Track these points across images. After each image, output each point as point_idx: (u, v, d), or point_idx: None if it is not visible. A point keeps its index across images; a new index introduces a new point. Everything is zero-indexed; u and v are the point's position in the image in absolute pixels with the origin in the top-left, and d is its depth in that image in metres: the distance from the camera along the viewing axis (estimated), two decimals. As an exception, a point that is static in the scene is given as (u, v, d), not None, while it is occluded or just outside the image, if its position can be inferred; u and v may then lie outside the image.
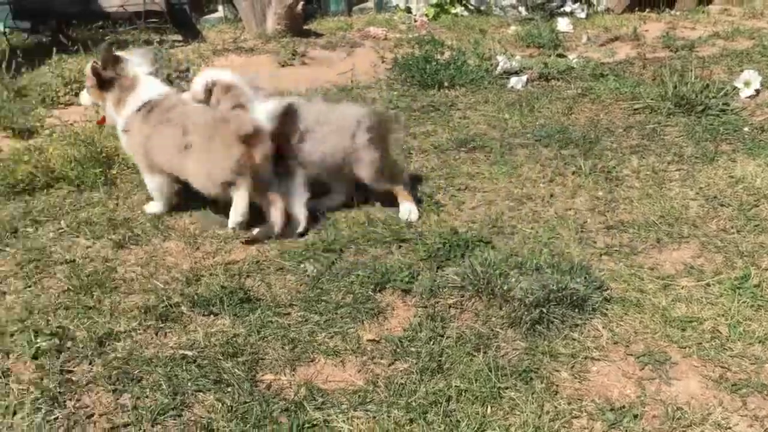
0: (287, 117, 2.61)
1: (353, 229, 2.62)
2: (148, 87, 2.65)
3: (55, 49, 4.74)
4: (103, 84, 2.63)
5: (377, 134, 2.68)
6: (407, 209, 2.71)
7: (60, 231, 2.62)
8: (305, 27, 5.63)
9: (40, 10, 5.01)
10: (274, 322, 2.10)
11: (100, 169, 3.03)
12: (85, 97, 2.74)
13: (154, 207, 2.75)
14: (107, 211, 2.75)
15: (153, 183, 2.69)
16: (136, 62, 2.68)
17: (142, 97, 2.62)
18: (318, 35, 5.57)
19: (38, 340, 2.00)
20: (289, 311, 2.16)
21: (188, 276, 2.34)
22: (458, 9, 6.13)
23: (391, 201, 2.75)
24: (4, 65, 4.03)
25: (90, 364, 1.94)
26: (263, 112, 2.60)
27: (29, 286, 2.30)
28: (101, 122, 2.91)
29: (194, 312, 2.16)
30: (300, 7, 5.43)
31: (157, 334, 2.06)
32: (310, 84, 4.37)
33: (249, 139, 2.50)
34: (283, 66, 4.85)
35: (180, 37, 5.36)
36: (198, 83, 2.66)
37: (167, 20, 5.21)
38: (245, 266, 2.40)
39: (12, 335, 2.04)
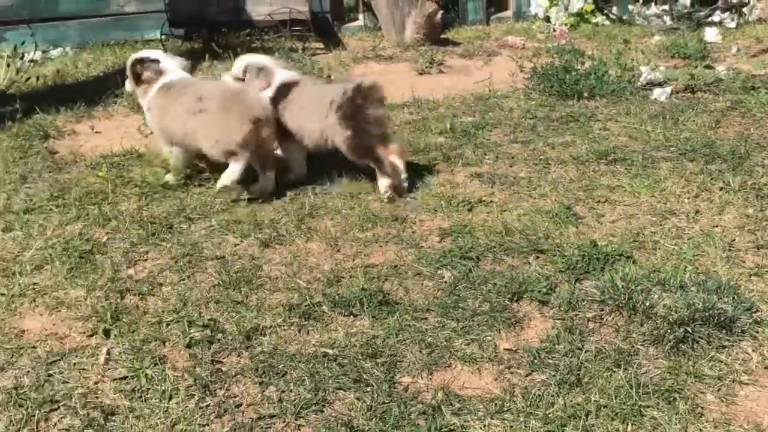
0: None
1: (490, 237, 2.63)
2: (170, 73, 3.12)
3: (207, 55, 5.00)
4: (138, 78, 3.13)
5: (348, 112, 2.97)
6: (384, 184, 2.96)
7: (211, 228, 2.77)
8: (443, 36, 5.67)
9: (193, 19, 5.30)
10: (412, 326, 2.14)
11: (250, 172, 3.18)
12: (129, 86, 3.27)
13: (169, 177, 3.14)
14: (253, 212, 2.88)
15: (175, 152, 3.10)
16: (167, 62, 3.16)
17: (163, 81, 3.09)
18: (455, 44, 5.61)
19: (191, 331, 2.13)
20: (426, 316, 2.20)
21: (329, 277, 2.42)
22: (599, 18, 6.01)
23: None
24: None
25: (238, 356, 2.04)
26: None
27: (183, 280, 2.44)
28: None
29: (335, 312, 2.23)
30: (439, 16, 5.48)
31: (300, 331, 2.15)
32: (446, 92, 4.40)
33: (257, 121, 2.91)
34: (420, 74, 4.91)
35: (322, 45, 5.52)
36: (237, 66, 3.19)
37: (310, 28, 5.38)
38: (384, 270, 2.45)
39: (168, 325, 2.17)
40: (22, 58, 4.99)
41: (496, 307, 2.21)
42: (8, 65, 4.52)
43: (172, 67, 3.14)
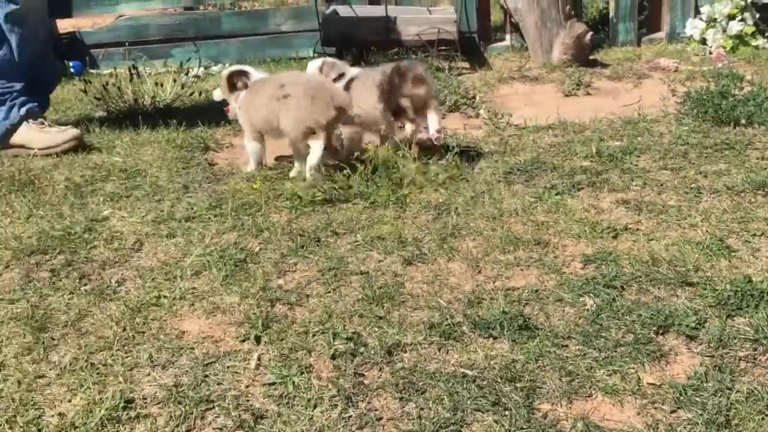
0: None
1: (636, 266, 2.58)
2: (255, 77, 3.64)
3: (356, 74, 5.16)
4: (233, 87, 3.66)
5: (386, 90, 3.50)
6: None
7: (356, 243, 2.86)
8: (591, 57, 5.58)
9: (344, 38, 5.48)
10: (552, 353, 2.13)
11: (392, 189, 3.26)
12: (217, 94, 3.81)
13: (249, 167, 3.67)
14: (397, 229, 2.95)
15: (252, 147, 3.65)
16: (254, 72, 3.69)
17: (250, 82, 3.61)
18: (604, 65, 5.51)
19: (336, 343, 2.21)
20: (567, 343, 2.18)
21: (470, 298, 2.45)
22: (760, 41, 5.73)
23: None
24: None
25: (380, 370, 2.10)
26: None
27: (329, 292, 2.53)
28: (227, 110, 3.86)
29: (475, 333, 2.25)
30: (588, 37, 5.40)
31: (439, 350, 2.19)
32: (593, 114, 4.34)
33: (340, 108, 3.38)
34: (566, 95, 4.86)
35: (468, 65, 5.57)
36: (312, 66, 3.82)
37: (457, 48, 5.43)
38: (525, 294, 2.46)
39: (314, 335, 2.27)
40: (186, 74, 5.33)
41: (641, 339, 2.17)
42: (174, 80, 4.83)
43: (257, 74, 3.69)
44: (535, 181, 3.37)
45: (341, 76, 3.72)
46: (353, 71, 3.77)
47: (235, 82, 3.66)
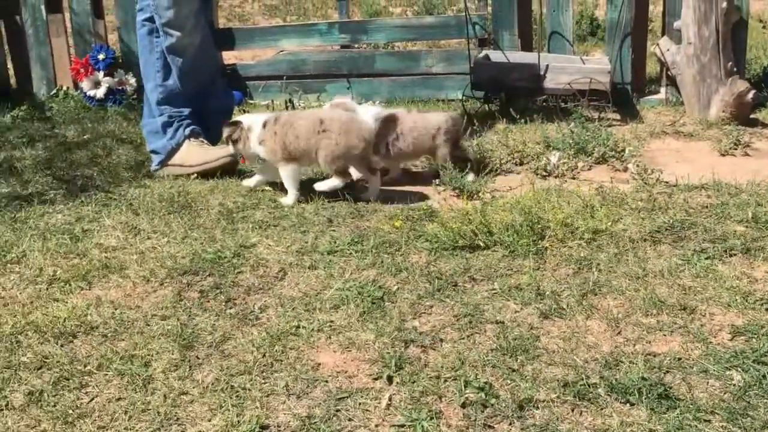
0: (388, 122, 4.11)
1: (790, 344, 2.43)
2: (256, 118, 3.98)
3: (504, 119, 5.17)
4: (235, 141, 3.97)
5: (452, 135, 4.13)
6: (470, 177, 4.02)
7: (493, 292, 2.85)
8: (752, 116, 5.33)
9: (494, 83, 5.50)
10: (693, 427, 2.04)
11: (533, 239, 3.23)
12: (233, 150, 4.05)
13: (289, 199, 3.86)
14: (535, 281, 2.91)
15: (287, 171, 3.85)
16: (246, 118, 4.04)
17: (259, 122, 3.92)
18: (765, 125, 5.25)
19: (467, 391, 2.21)
20: (710, 419, 2.08)
21: (608, 359, 2.38)
22: None
23: None
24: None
25: (510, 424, 2.08)
26: (370, 115, 4.09)
27: (463, 338, 2.54)
28: (243, 161, 4.21)
29: (611, 397, 2.19)
30: (751, 95, 5.16)
31: (573, 411, 2.14)
32: (751, 176, 4.13)
33: (369, 142, 3.81)
34: (722, 155, 4.66)
35: (618, 117, 5.46)
36: (327, 106, 4.36)
37: (609, 99, 5.34)
38: (666, 360, 2.36)
39: (446, 381, 2.27)
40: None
41: (792, 423, 2.04)
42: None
43: (252, 116, 4.04)
44: (684, 243, 3.25)
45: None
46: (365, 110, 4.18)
47: (234, 138, 3.97)
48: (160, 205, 3.81)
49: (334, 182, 3.83)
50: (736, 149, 4.70)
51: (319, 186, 3.85)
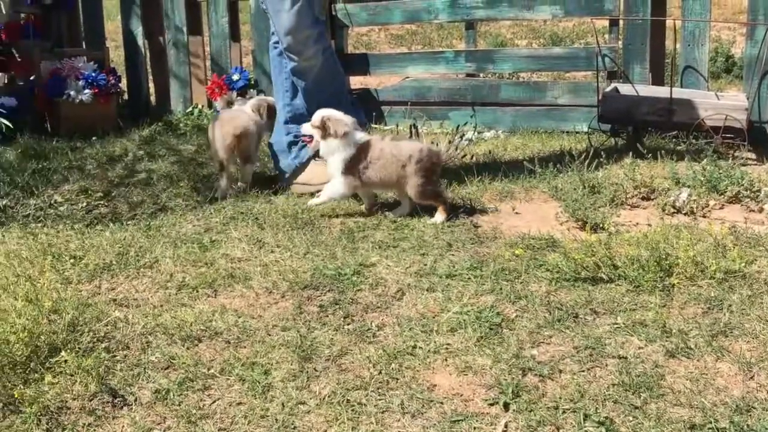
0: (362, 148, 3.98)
1: None
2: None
3: (631, 153, 5.04)
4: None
5: (424, 165, 3.91)
6: (439, 218, 3.91)
7: (615, 326, 2.76)
8: None
9: (623, 116, 5.37)
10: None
11: (660, 275, 3.11)
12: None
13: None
14: (661, 317, 2.81)
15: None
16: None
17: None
18: None
19: (586, 424, 2.15)
20: None
21: (738, 403, 2.26)
22: None
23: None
24: (586, 161, 4.42)
25: (631, 462, 2.00)
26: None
27: (583, 371, 2.47)
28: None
29: (741, 443, 2.07)
30: None
31: (700, 454, 2.04)
32: None
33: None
34: None
35: (754, 156, 5.21)
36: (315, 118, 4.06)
37: (745, 137, 5.12)
38: (804, 411, 2.22)
39: (564, 412, 2.22)
40: (462, 137, 5.51)
41: None
42: (449, 141, 5.01)
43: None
44: (825, 289, 3.06)
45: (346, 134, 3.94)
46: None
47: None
48: (284, 221, 3.91)
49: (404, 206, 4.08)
50: None
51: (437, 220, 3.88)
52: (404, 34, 12.15)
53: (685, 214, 4.05)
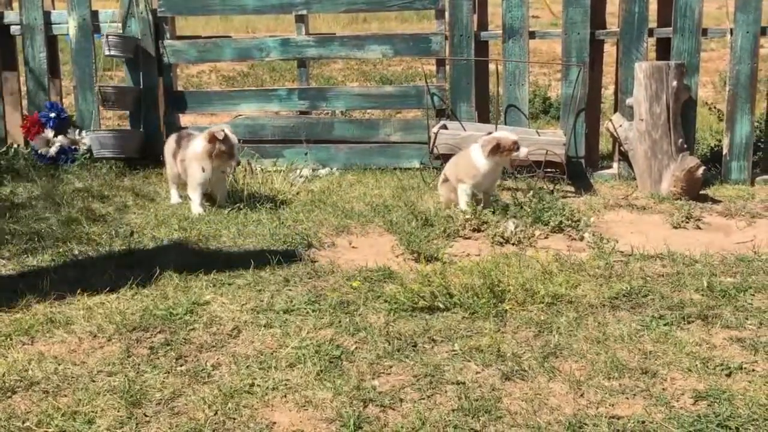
0: None
1: (752, 408, 2.40)
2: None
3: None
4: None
5: None
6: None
7: (453, 353, 2.79)
8: (702, 192, 5.46)
9: (452, 152, 5.55)
10: (661, 490, 1.98)
11: (493, 302, 3.19)
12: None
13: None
14: (496, 342, 2.87)
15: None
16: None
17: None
18: (715, 201, 5.37)
19: (429, 451, 2.12)
20: (677, 482, 2.03)
21: (571, 421, 2.33)
22: None
23: None
24: (419, 196, 4.51)
25: (473, 486, 2.00)
26: None
27: (423, 399, 2.46)
28: None
29: (576, 459, 2.13)
30: (700, 171, 5.30)
31: (538, 473, 2.07)
32: (704, 249, 4.18)
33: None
34: (675, 227, 4.73)
35: (573, 189, 5.53)
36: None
37: (564, 171, 5.42)
38: (630, 424, 2.32)
39: (407, 441, 2.19)
40: (296, 174, 5.48)
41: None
42: (284, 178, 4.97)
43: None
44: (642, 309, 3.25)
45: None
46: None
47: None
48: (109, 262, 3.69)
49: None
50: (688, 222, 4.77)
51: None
52: (236, 75, 12.00)
53: (513, 243, 4.20)
